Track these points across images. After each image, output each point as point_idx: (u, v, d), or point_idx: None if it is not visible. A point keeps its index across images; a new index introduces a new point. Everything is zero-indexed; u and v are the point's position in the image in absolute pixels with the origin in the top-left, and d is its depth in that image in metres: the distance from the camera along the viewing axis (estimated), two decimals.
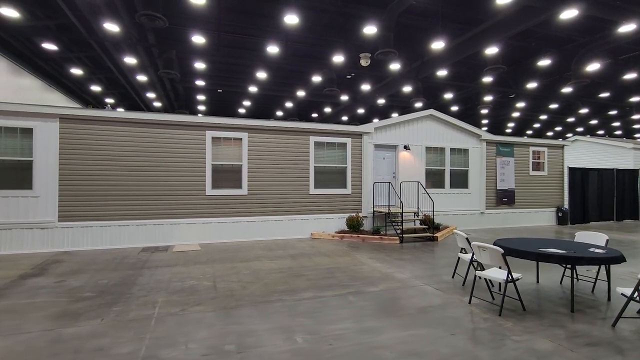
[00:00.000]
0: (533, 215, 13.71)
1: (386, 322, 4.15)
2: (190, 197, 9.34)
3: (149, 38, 15.45)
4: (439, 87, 24.05)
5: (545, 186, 13.94)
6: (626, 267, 6.79)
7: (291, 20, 10.96)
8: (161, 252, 8.13)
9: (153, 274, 6.22)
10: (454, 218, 12.31)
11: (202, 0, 10.95)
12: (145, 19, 10.46)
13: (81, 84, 22.51)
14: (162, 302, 4.76)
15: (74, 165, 8.41)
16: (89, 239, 8.50)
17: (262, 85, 23.60)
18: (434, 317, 4.33)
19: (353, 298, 5.02)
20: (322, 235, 10.29)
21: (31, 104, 8.24)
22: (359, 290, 5.41)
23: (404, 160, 11.69)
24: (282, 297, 5.02)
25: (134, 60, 17.25)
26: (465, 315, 4.38)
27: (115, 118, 8.75)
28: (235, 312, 4.44)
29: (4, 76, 16.71)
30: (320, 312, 4.45)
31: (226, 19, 13.97)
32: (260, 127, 10.03)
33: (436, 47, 12.75)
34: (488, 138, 12.89)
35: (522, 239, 5.73)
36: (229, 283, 5.73)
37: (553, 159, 14.14)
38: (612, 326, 4.05)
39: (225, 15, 13.63)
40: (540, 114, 31.16)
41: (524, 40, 15.13)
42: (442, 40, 12.46)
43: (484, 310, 4.55)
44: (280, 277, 6.07)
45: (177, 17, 13.77)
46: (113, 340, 3.61)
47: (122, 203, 8.75)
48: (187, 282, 5.74)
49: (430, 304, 4.78)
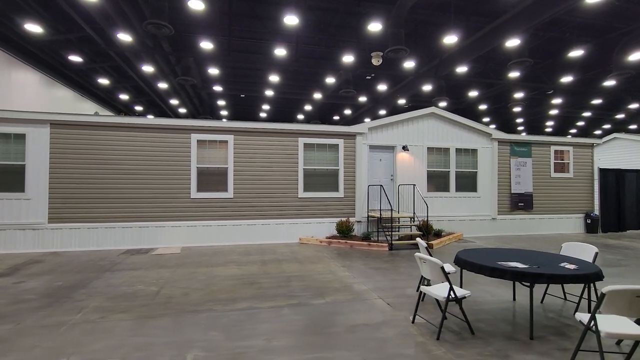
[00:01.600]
0: (555, 223, 12.34)
1: (301, 341, 3.72)
2: (176, 200, 9.37)
3: (164, 46, 15.91)
4: (462, 85, 22.76)
5: (570, 190, 12.52)
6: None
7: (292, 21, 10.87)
8: (139, 255, 8.18)
9: (111, 278, 6.20)
10: (461, 224, 11.37)
11: (201, 6, 11.02)
12: (152, 27, 10.62)
13: (110, 93, 23.84)
14: (91, 308, 4.66)
15: (63, 168, 8.73)
16: (77, 240, 8.77)
17: (280, 89, 23.67)
18: (359, 337, 3.82)
19: (288, 311, 4.61)
20: (310, 240, 9.89)
21: (23, 110, 8.69)
22: (303, 302, 4.98)
23: (402, 162, 11.00)
24: (214, 307, 4.73)
25: (152, 69, 17.93)
26: (397, 337, 3.82)
27: (102, 123, 9.00)
28: (152, 322, 4.22)
29: (38, 88, 18.04)
30: (240, 326, 4.10)
31: (237, 24, 14.11)
32: (246, 129, 9.88)
33: (454, 42, 11.95)
34: (500, 137, 11.81)
35: (493, 250, 5.01)
36: (174, 289, 5.54)
37: (580, 159, 12.67)
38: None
39: (236, 20, 13.76)
40: (583, 111, 28.44)
41: (556, 30, 13.74)
42: (460, 34, 11.67)
43: (424, 332, 3.96)
44: (231, 285, 5.79)
45: (188, 24, 14.11)
46: (5, 347, 3.52)
47: (109, 206, 8.96)
48: (135, 287, 5.64)
49: (367, 322, 4.26)
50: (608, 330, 2.96)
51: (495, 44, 12.67)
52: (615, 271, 6.94)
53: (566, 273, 3.69)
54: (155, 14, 10.48)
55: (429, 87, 20.90)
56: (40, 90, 18.04)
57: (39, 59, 16.96)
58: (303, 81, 22.52)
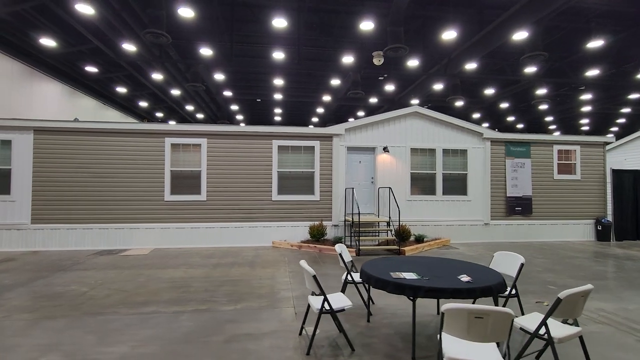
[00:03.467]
0: (560, 229, 11.25)
1: (165, 350, 3.58)
2: (150, 202, 9.60)
3: (171, 54, 16.43)
4: (478, 83, 21.64)
5: (577, 193, 11.37)
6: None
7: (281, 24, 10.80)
8: (107, 256, 8.44)
9: (57, 278, 6.42)
10: (449, 230, 10.68)
11: (190, 14, 11.24)
12: (150, 36, 10.92)
13: (130, 100, 25.11)
14: (7, 307, 4.82)
15: (45, 172, 9.24)
16: (57, 240, 9.23)
17: (289, 92, 23.78)
18: (231, 348, 3.62)
19: (186, 317, 4.50)
20: (283, 244, 9.73)
21: (9, 117, 9.32)
22: (212, 308, 4.85)
23: (384, 164, 10.55)
24: (120, 310, 4.72)
25: (161, 76, 18.69)
26: (268, 350, 3.58)
27: (81, 129, 9.43)
28: (46, 323, 4.28)
29: (61, 98, 19.35)
30: (122, 331, 4.04)
31: (238, 29, 14.31)
32: (219, 132, 9.94)
33: (462, 37, 11.23)
34: (493, 136, 10.99)
35: (404, 259, 4.60)
36: (103, 291, 5.62)
37: (590, 159, 11.48)
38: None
39: (237, 26, 13.97)
40: (620, 107, 25.95)
41: (578, 21, 12.56)
42: (469, 29, 10.94)
43: (302, 346, 3.68)
44: (160, 288, 5.78)
45: (191, 31, 14.47)
46: None
47: (86, 208, 9.35)
48: (68, 287, 5.79)
49: (254, 332, 4.04)
50: (450, 355, 2.55)
51: (506, 38, 11.74)
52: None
53: (444, 287, 3.27)
54: (153, 23, 10.73)
55: (443, 87, 20.08)
56: (62, 99, 19.32)
57: (59, 71, 18.13)
58: (314, 84, 22.47)
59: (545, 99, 22.42)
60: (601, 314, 4.74)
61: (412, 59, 15.45)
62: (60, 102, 19.18)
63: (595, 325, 4.35)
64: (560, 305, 2.82)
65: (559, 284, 6.20)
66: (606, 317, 4.63)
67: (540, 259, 8.39)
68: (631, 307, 5.00)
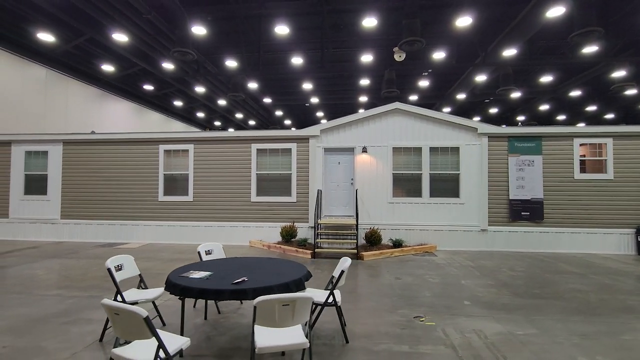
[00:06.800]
0: (585, 239, 9.36)
1: (12, 323, 4.24)
2: (148, 202, 10.86)
3: (208, 68, 18.00)
4: (537, 70, 19.01)
5: (609, 196, 9.33)
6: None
7: (282, 31, 11.31)
8: (104, 248, 9.84)
9: (42, 263, 7.80)
10: (437, 235, 9.76)
11: (203, 31, 12.35)
12: (178, 54, 12.24)
13: (189, 112, 28.17)
14: None
15: (71, 176, 11.16)
16: (79, 233, 11.06)
17: (324, 96, 24.09)
18: (44, 329, 4.12)
19: (71, 302, 5.16)
20: (257, 244, 10.07)
21: (47, 132, 11.47)
22: (93, 295, 5.45)
23: (363, 165, 10.14)
24: (34, 292, 5.63)
25: (203, 89, 20.72)
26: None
27: (96, 140, 11.15)
28: None
29: (132, 114, 22.75)
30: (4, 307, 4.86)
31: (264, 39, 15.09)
32: (204, 138, 10.75)
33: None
34: (490, 131, 9.69)
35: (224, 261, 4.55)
36: (52, 275, 6.69)
37: (626, 154, 9.32)
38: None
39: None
40: None
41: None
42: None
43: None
44: (93, 277, 6.63)
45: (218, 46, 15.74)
46: None
47: (98, 206, 11.02)
48: (35, 271, 7.02)
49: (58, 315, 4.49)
50: (260, 345, 2.76)
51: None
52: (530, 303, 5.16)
53: (209, 288, 3.26)
54: (179, 43, 11.84)
55: (490, 78, 18.20)
56: (132, 115, 22.67)
57: (124, 91, 21.32)
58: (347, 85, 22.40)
59: (629, 84, 18.61)
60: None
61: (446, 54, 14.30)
62: (130, 118, 22.49)
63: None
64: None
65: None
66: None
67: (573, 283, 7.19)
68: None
